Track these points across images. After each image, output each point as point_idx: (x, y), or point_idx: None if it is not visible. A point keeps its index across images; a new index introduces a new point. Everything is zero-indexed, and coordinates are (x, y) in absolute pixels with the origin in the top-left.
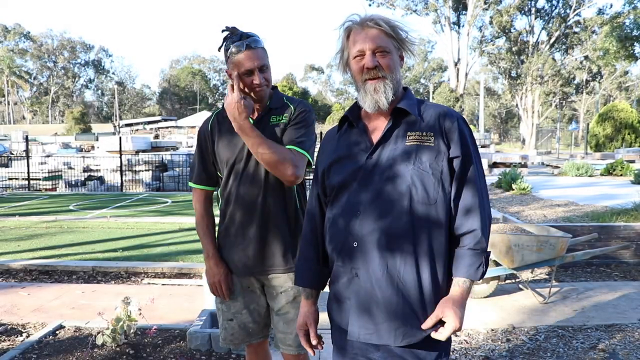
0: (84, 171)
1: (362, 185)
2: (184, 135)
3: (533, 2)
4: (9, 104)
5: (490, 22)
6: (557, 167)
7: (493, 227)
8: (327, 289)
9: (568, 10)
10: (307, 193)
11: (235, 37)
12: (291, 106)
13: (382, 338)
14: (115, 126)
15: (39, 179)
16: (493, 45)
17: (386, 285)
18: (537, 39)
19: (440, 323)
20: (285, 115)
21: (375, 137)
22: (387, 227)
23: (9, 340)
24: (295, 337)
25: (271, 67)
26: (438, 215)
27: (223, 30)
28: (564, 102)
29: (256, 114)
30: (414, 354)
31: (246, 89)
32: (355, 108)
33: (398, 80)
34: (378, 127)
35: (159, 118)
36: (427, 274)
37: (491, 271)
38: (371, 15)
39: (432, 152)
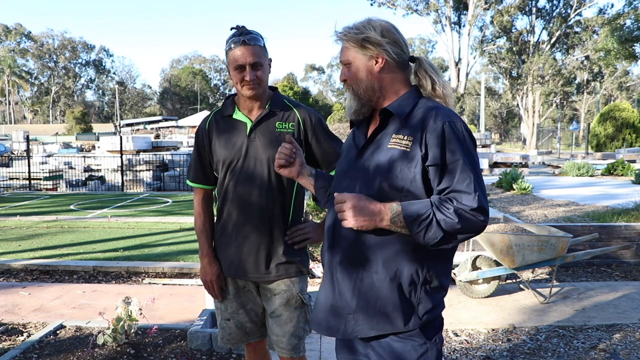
0: (85, 171)
1: (351, 184)
2: (184, 135)
3: (534, 2)
4: (9, 103)
5: (491, 22)
6: (557, 167)
7: (493, 227)
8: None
9: (569, 10)
10: (306, 198)
11: (236, 33)
12: (295, 111)
13: (332, 331)
14: (116, 126)
15: (40, 179)
16: (494, 45)
17: (345, 280)
18: (538, 38)
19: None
20: (291, 123)
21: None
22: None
23: (9, 339)
24: (288, 340)
25: (269, 67)
26: None
27: (232, 28)
28: (565, 102)
29: (255, 115)
30: (394, 353)
31: (238, 85)
32: None
33: (370, 87)
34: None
35: (159, 118)
36: (392, 274)
37: (492, 271)
38: (337, 30)
39: (406, 158)
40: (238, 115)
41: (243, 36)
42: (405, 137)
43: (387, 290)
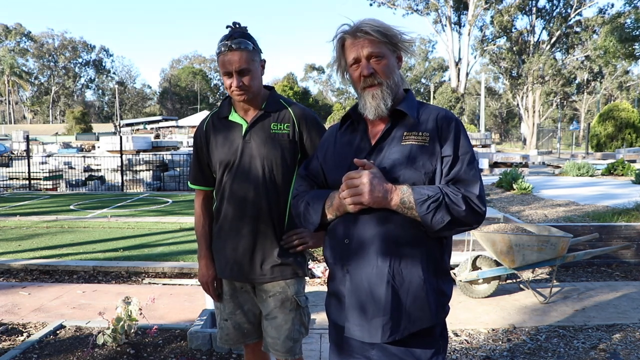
0: (85, 171)
1: None
2: (184, 135)
3: (534, 2)
4: (9, 103)
5: (491, 22)
6: (558, 167)
7: (493, 227)
8: (325, 287)
9: (569, 10)
10: None
11: (225, 37)
12: (290, 110)
13: (372, 335)
14: (116, 126)
15: (40, 179)
16: (494, 45)
17: (376, 281)
18: (538, 38)
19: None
20: (287, 124)
21: (375, 138)
22: (378, 226)
23: (9, 340)
24: (283, 342)
25: (262, 68)
26: None
27: (227, 27)
28: (565, 101)
29: (250, 116)
30: (409, 352)
31: (228, 90)
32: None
33: (396, 83)
34: (378, 128)
35: (159, 118)
36: (416, 270)
37: (492, 271)
38: (361, 23)
39: (427, 152)
40: (234, 117)
41: (231, 41)
42: (422, 133)
43: (419, 282)
